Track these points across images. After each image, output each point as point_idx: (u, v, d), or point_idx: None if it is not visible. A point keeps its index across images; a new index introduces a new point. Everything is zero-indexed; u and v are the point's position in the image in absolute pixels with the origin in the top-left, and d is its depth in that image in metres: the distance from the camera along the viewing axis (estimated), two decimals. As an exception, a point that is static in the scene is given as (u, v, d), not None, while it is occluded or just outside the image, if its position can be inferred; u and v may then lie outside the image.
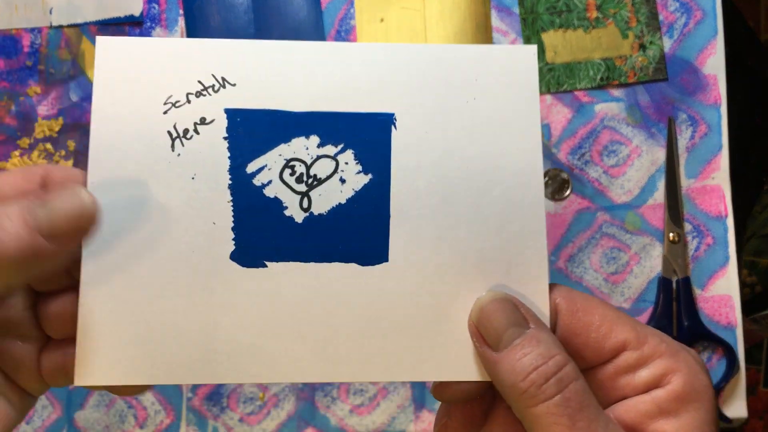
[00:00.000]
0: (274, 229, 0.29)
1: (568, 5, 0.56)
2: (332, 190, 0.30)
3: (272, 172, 0.30)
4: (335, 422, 0.53)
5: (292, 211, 0.30)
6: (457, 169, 0.30)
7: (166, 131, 0.30)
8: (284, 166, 0.30)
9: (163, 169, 0.29)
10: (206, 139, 0.30)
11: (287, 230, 0.29)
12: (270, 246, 0.29)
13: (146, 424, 0.53)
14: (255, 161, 0.30)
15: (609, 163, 0.55)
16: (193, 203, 0.29)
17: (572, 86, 0.55)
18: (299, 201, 0.30)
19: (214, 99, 0.30)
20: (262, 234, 0.29)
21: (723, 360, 0.54)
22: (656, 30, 0.55)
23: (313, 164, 0.30)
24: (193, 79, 0.30)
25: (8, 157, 0.54)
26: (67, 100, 0.55)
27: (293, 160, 0.30)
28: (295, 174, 0.30)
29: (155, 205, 0.29)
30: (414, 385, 0.53)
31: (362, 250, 0.29)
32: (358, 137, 0.30)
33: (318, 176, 0.30)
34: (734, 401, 0.54)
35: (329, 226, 0.30)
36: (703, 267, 0.54)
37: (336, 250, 0.29)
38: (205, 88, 0.30)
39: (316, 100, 0.30)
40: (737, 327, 0.54)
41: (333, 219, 0.30)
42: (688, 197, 0.55)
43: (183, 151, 0.29)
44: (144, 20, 0.55)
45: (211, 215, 0.29)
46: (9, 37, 0.55)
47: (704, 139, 0.55)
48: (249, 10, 0.55)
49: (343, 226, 0.30)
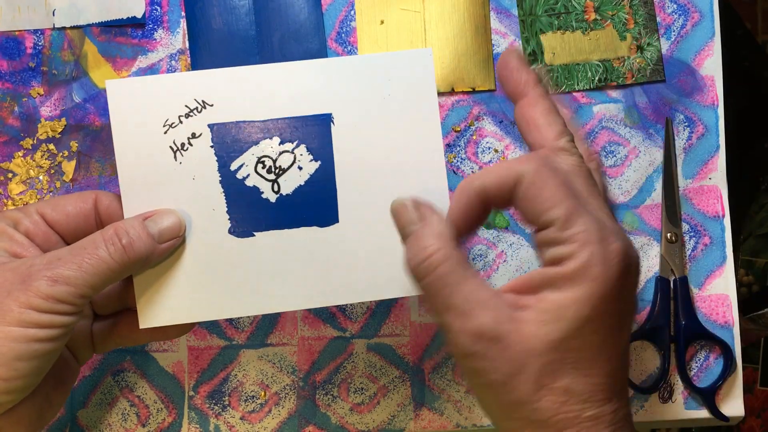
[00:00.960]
0: (256, 208, 0.40)
1: (567, 7, 0.56)
2: (294, 176, 0.40)
3: (249, 167, 0.40)
4: (335, 420, 0.54)
5: (267, 194, 0.41)
6: (379, 150, 0.40)
7: (169, 147, 0.40)
8: (257, 162, 0.40)
9: (171, 175, 0.40)
10: (198, 148, 0.40)
11: (265, 208, 0.40)
12: (255, 221, 0.41)
13: (148, 422, 0.53)
14: (235, 161, 0.40)
15: (607, 164, 0.55)
16: (196, 197, 0.40)
17: (570, 87, 0.56)
18: (271, 186, 0.41)
19: (199, 118, 0.40)
20: (248, 213, 0.40)
21: (720, 359, 0.54)
22: (654, 32, 0.56)
23: (277, 158, 0.41)
24: (182, 104, 0.40)
25: (11, 158, 0.54)
26: (69, 101, 0.55)
27: (263, 156, 0.41)
28: (265, 167, 0.40)
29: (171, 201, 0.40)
30: (414, 384, 0.54)
31: (319, 216, 0.41)
32: (307, 134, 0.40)
33: (282, 167, 0.41)
34: (731, 400, 0.54)
35: (295, 202, 0.41)
36: (700, 266, 0.55)
37: (301, 218, 0.41)
38: (191, 110, 0.40)
39: (274, 109, 0.40)
40: (734, 326, 0.54)
41: (297, 196, 0.41)
42: (686, 197, 0.55)
43: (183, 161, 0.40)
44: (146, 22, 0.55)
45: (210, 204, 0.40)
46: (12, 39, 0.55)
47: (701, 139, 0.55)
48: (250, 12, 0.55)
49: (305, 200, 0.41)
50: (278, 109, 0.40)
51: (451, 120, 0.55)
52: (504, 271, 0.55)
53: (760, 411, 1.25)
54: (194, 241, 0.40)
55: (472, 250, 0.55)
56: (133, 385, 0.54)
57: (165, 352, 0.54)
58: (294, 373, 0.54)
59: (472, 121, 0.55)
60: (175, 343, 0.54)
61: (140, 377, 0.54)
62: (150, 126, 0.40)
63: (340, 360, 0.54)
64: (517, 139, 0.55)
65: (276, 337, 0.54)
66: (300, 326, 0.54)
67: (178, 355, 0.54)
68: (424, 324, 0.54)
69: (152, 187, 0.40)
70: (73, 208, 0.40)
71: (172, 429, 0.54)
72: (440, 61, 0.55)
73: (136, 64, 0.55)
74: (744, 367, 0.54)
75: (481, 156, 0.55)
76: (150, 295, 0.40)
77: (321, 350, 0.54)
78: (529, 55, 0.56)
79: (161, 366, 0.54)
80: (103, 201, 0.41)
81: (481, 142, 0.55)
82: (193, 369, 0.54)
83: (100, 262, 0.36)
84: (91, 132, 0.55)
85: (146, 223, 0.38)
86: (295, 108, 0.40)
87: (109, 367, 0.54)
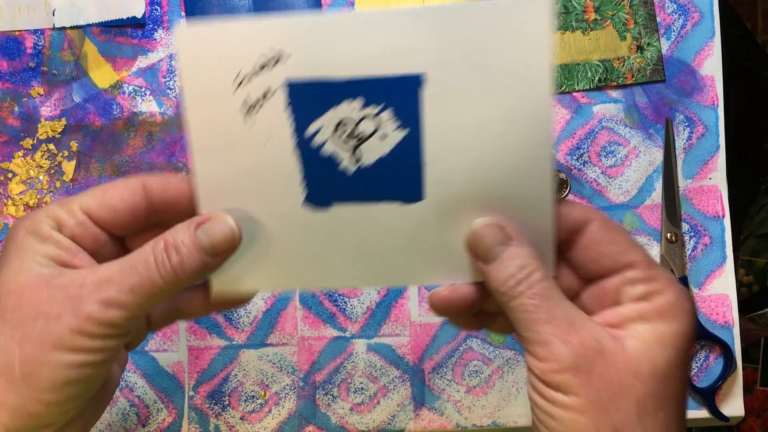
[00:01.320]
0: (333, 179, 0.36)
1: (567, 7, 0.56)
2: (376, 145, 0.35)
3: (326, 132, 0.35)
4: (335, 420, 0.54)
5: (346, 163, 0.35)
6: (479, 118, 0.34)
7: (239, 106, 0.35)
8: (336, 127, 0.35)
9: (242, 140, 0.35)
10: (272, 109, 0.35)
11: (343, 180, 0.36)
12: (331, 192, 0.36)
13: (148, 422, 0.53)
14: (313, 124, 0.35)
15: (607, 164, 0.55)
16: (269, 164, 0.35)
17: (571, 87, 0.56)
18: (350, 155, 0.35)
19: (274, 72, 0.34)
20: (324, 183, 0.36)
21: (720, 359, 0.54)
22: (654, 32, 0.56)
23: (359, 123, 0.35)
24: (255, 55, 0.34)
25: (11, 158, 0.54)
26: (69, 101, 0.55)
27: (343, 120, 0.35)
28: (345, 132, 0.35)
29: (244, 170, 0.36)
30: (413, 384, 0.54)
31: (403, 191, 0.35)
32: (395, 97, 0.34)
33: (364, 133, 0.35)
34: (731, 400, 0.54)
35: (376, 174, 0.35)
36: (700, 266, 0.55)
37: (382, 193, 0.36)
38: (267, 60, 0.34)
39: (360, 66, 0.34)
40: (734, 326, 0.54)
41: (379, 168, 0.35)
42: (686, 197, 0.55)
43: (255, 122, 0.35)
44: (146, 22, 0.55)
45: (283, 171, 0.36)
46: (12, 39, 0.55)
47: (701, 139, 0.55)
48: (250, 12, 0.55)
49: (387, 173, 0.35)
50: (364, 65, 0.34)
51: (451, 120, 0.55)
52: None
53: (760, 411, 1.25)
54: (266, 211, 0.36)
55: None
56: (133, 385, 0.54)
57: (165, 352, 0.54)
58: (294, 373, 0.54)
59: (472, 121, 0.55)
60: (175, 343, 0.54)
61: (140, 377, 0.54)
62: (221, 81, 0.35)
63: (340, 360, 0.54)
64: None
65: (276, 337, 0.54)
66: (300, 326, 0.54)
67: (178, 355, 0.54)
68: (424, 324, 0.54)
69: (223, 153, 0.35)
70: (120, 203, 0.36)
71: (172, 429, 0.54)
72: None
73: (136, 64, 0.55)
74: (744, 367, 0.54)
75: (481, 156, 0.55)
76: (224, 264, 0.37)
77: (321, 350, 0.54)
78: (529, 55, 0.56)
79: (161, 366, 0.54)
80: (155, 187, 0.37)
81: (481, 142, 0.55)
82: (193, 369, 0.54)
83: (153, 284, 0.33)
84: (91, 132, 0.55)
85: (198, 234, 0.35)
86: (383, 66, 0.34)
87: (109, 367, 0.54)
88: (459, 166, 0.35)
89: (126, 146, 0.55)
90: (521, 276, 0.32)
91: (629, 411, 0.30)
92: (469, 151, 0.35)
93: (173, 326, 0.54)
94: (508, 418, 0.54)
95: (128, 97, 0.55)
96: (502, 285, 0.33)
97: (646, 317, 0.32)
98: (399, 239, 0.36)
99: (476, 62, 0.34)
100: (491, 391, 0.54)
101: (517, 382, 0.54)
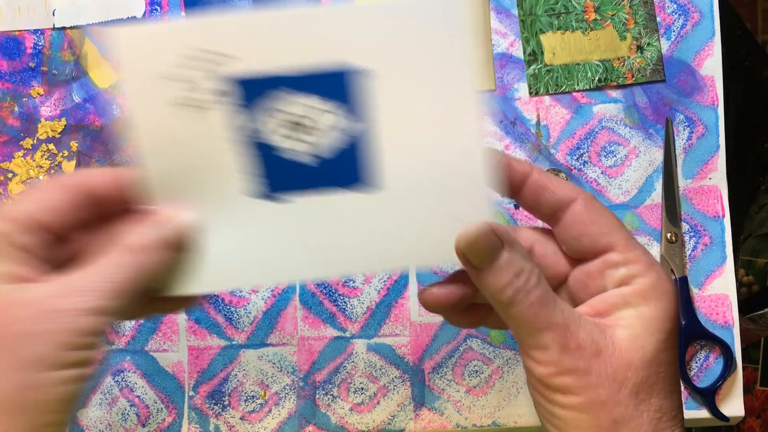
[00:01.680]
0: (291, 172, 0.36)
1: (567, 7, 0.56)
2: (332, 137, 0.36)
3: (280, 126, 0.36)
4: (335, 420, 0.54)
5: (303, 157, 0.36)
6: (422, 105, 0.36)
7: (188, 105, 0.35)
8: (290, 121, 0.36)
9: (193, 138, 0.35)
10: (222, 106, 0.35)
11: (301, 172, 0.36)
12: (289, 185, 0.36)
13: (148, 422, 0.53)
14: (265, 119, 0.36)
15: (607, 164, 0.55)
16: (222, 161, 0.36)
17: (570, 87, 0.56)
18: (307, 148, 0.36)
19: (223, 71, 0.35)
20: (281, 177, 0.36)
21: (720, 359, 0.54)
22: (654, 32, 0.56)
23: (315, 117, 0.36)
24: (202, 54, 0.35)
25: (11, 158, 0.55)
26: (69, 101, 0.55)
27: (297, 115, 0.36)
28: (299, 126, 0.36)
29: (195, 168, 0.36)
30: (413, 384, 0.54)
31: (361, 181, 0.36)
32: (347, 91, 0.35)
33: (318, 126, 0.36)
34: (731, 400, 0.54)
35: (333, 165, 0.36)
36: (700, 266, 0.55)
37: (338, 182, 0.36)
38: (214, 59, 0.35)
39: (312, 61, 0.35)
40: (734, 326, 0.54)
41: (334, 160, 0.36)
42: (686, 197, 0.55)
43: (205, 120, 0.35)
44: (146, 22, 0.55)
45: (239, 167, 0.36)
46: (12, 39, 0.55)
47: (701, 139, 0.55)
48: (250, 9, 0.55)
49: (343, 164, 0.36)
50: (316, 60, 0.35)
51: (451, 120, 0.55)
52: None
53: (760, 411, 1.25)
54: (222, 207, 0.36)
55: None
56: (133, 385, 0.54)
57: (165, 352, 0.54)
58: (294, 373, 0.54)
59: (472, 121, 0.55)
60: (175, 343, 0.54)
61: (140, 377, 0.54)
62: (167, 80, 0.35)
63: (340, 360, 0.54)
64: (517, 138, 0.55)
65: (276, 337, 0.54)
66: (300, 326, 0.54)
67: (178, 355, 0.54)
68: (424, 324, 0.54)
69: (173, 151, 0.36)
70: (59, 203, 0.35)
71: (172, 429, 0.54)
72: (440, 61, 0.55)
73: (136, 64, 0.55)
74: (744, 367, 0.54)
75: (481, 156, 0.55)
76: None
77: (321, 350, 0.54)
78: (529, 55, 0.56)
79: (161, 366, 0.54)
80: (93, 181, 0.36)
81: (481, 142, 0.55)
82: (193, 369, 0.54)
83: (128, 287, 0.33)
84: (91, 132, 0.55)
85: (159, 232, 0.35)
86: (335, 60, 0.35)
87: (109, 367, 0.54)
88: (412, 152, 0.36)
89: (126, 146, 0.55)
90: (519, 284, 0.32)
91: (626, 403, 0.31)
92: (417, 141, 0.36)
93: (173, 326, 0.54)
94: (508, 418, 0.54)
95: (128, 97, 0.55)
96: (499, 293, 0.33)
97: (630, 302, 0.33)
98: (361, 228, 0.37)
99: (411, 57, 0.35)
100: (491, 391, 0.54)
101: (517, 382, 0.54)
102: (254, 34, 0.35)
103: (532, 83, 0.56)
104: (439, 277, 0.55)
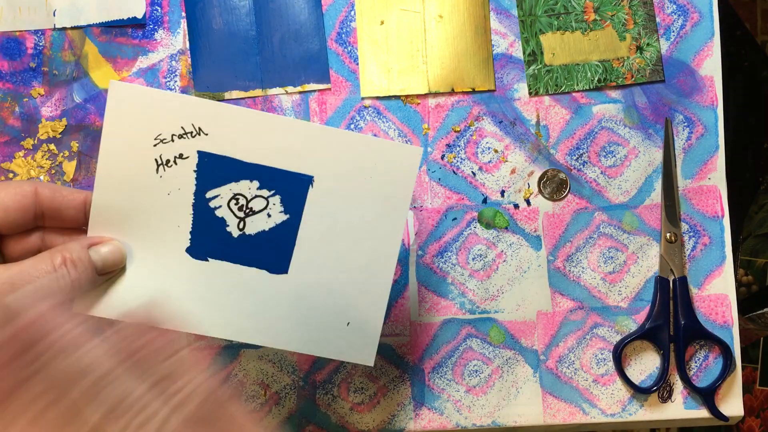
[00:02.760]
0: (218, 238, 0.43)
1: (566, 7, 0.56)
2: (261, 220, 0.43)
3: (223, 199, 0.42)
4: (336, 420, 0.54)
5: (232, 228, 0.43)
6: (346, 223, 0.43)
7: (154, 159, 0.41)
8: (231, 198, 0.42)
9: (149, 186, 0.42)
10: (182, 169, 0.42)
11: (226, 241, 0.43)
12: (212, 248, 0.43)
13: (149, 422, 0.53)
14: (212, 190, 0.42)
15: (607, 164, 0.55)
16: (166, 211, 0.42)
17: (570, 88, 0.56)
18: (237, 223, 0.43)
19: (191, 142, 0.41)
20: (209, 240, 0.43)
21: (719, 359, 0.54)
22: (653, 32, 0.56)
23: (251, 200, 0.42)
24: (179, 124, 0.41)
25: (12, 158, 0.55)
26: (70, 101, 0.55)
27: (239, 194, 0.42)
28: (238, 204, 0.42)
29: (141, 210, 0.42)
30: (414, 384, 0.54)
31: (272, 263, 0.43)
32: (285, 188, 0.42)
33: (253, 209, 0.43)
34: (731, 399, 0.54)
35: (254, 244, 0.43)
36: (699, 266, 0.55)
37: (255, 260, 0.43)
38: (186, 132, 0.41)
39: (263, 156, 0.42)
40: (733, 326, 0.55)
41: (258, 239, 0.43)
42: (685, 197, 0.55)
43: (164, 175, 0.42)
44: (147, 22, 0.56)
45: (177, 220, 0.42)
46: (13, 39, 0.55)
47: (701, 140, 0.56)
48: (251, 12, 0.55)
49: (264, 245, 0.43)
50: (267, 156, 0.42)
51: (450, 120, 0.55)
52: (504, 271, 0.55)
53: (760, 411, 1.25)
54: (151, 250, 0.42)
55: (471, 250, 0.55)
56: (133, 385, 0.54)
57: (165, 351, 0.54)
58: (294, 372, 0.54)
59: (472, 122, 0.55)
60: (175, 343, 0.54)
61: (141, 377, 0.54)
62: (142, 135, 0.41)
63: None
64: (517, 139, 0.55)
65: (276, 336, 0.54)
66: (300, 326, 0.54)
67: (179, 355, 0.54)
68: (424, 324, 0.54)
69: (127, 190, 0.41)
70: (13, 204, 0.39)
71: (172, 428, 0.54)
72: (440, 61, 0.56)
73: (137, 64, 0.55)
74: (743, 367, 0.54)
75: (481, 156, 0.55)
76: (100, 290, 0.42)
77: (321, 350, 0.54)
78: (529, 56, 0.56)
79: (162, 366, 0.54)
80: (45, 193, 0.40)
81: (481, 142, 0.55)
82: (194, 369, 0.54)
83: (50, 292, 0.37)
84: (91, 132, 0.55)
85: (90, 253, 0.39)
86: (282, 161, 0.42)
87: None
88: (323, 254, 0.43)
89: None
90: None
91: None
92: (333, 245, 0.43)
93: (174, 326, 0.54)
94: (507, 418, 0.54)
95: (129, 97, 0.55)
96: None
97: None
98: (262, 302, 0.43)
99: (358, 180, 0.42)
100: (491, 391, 0.54)
101: (517, 382, 0.54)
102: (230, 122, 0.41)
103: (531, 83, 0.56)
104: (439, 276, 0.55)
